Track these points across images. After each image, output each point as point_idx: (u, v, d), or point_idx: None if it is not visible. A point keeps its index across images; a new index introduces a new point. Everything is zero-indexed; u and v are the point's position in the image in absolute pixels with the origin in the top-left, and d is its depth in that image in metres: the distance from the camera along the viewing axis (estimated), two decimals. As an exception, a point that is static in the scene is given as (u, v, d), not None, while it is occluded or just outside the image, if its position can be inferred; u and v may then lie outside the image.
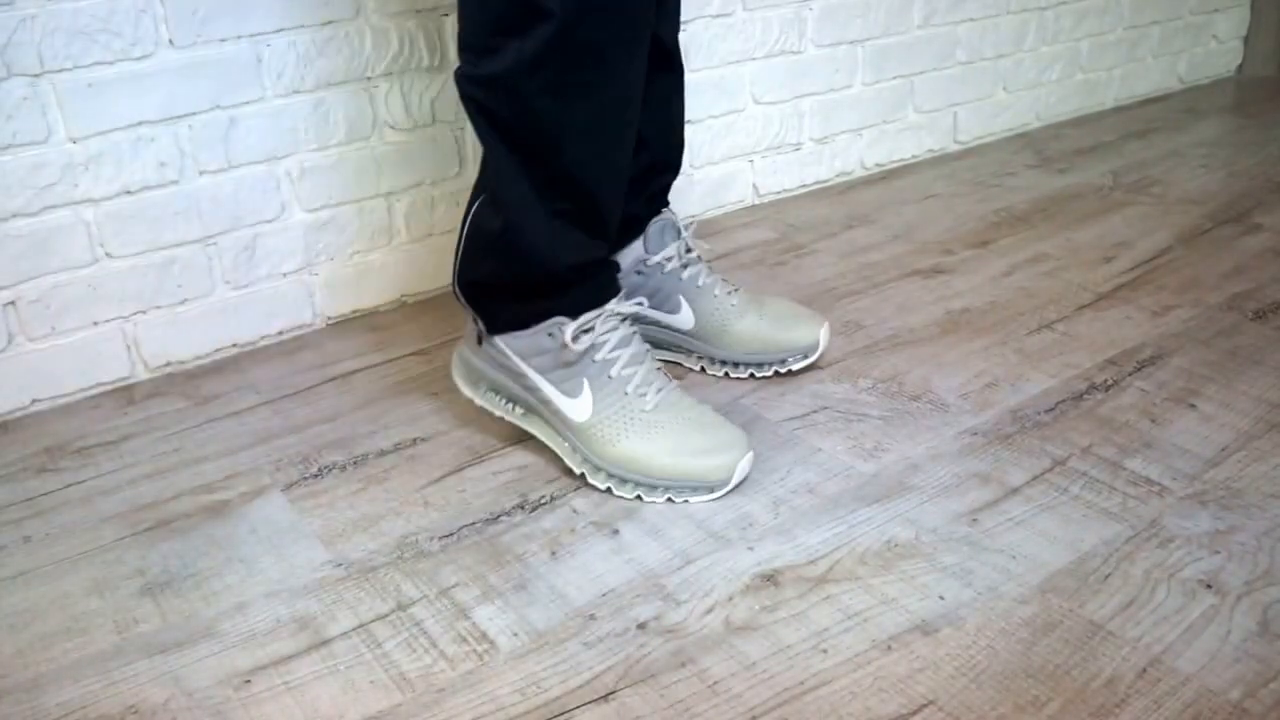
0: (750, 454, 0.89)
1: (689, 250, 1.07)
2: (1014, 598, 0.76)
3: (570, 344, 0.90)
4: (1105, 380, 1.05)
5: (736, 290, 1.08)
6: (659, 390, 0.92)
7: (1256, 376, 1.04)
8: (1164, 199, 1.51)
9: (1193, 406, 0.99)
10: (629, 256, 1.06)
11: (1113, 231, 1.41)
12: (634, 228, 1.05)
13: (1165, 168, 1.63)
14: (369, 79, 1.18)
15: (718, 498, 0.89)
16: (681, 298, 1.07)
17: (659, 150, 1.04)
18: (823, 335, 1.06)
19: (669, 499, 0.89)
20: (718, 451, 0.89)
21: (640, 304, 1.05)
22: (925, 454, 0.94)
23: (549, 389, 0.92)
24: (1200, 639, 0.72)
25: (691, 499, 0.89)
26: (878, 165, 1.68)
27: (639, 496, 0.89)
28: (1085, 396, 1.02)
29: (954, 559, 0.81)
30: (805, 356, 1.06)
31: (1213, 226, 1.41)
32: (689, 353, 1.09)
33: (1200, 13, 2.00)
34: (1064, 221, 1.45)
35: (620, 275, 1.05)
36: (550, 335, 0.91)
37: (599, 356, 0.91)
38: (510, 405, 0.97)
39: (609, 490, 0.90)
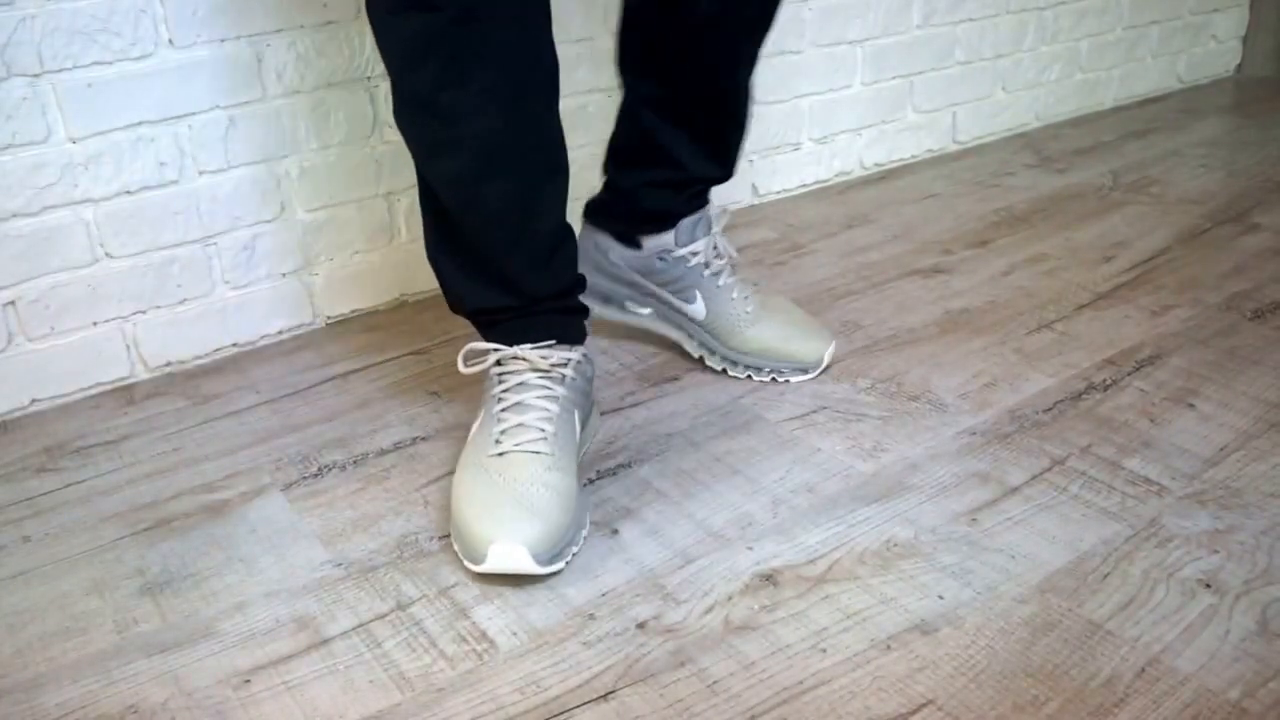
0: (518, 551, 0.77)
1: (715, 249, 1.07)
2: (1013, 597, 0.76)
3: (460, 365, 0.91)
4: (1104, 380, 1.05)
5: (754, 296, 1.07)
6: (516, 446, 0.85)
7: (1255, 376, 1.04)
8: (1163, 199, 1.51)
9: (1191, 406, 1.00)
10: (654, 243, 1.05)
11: (1112, 231, 1.41)
12: (667, 221, 1.04)
13: (1164, 168, 1.63)
14: (369, 79, 1.18)
15: (477, 570, 0.80)
16: (698, 291, 1.07)
17: (703, 168, 1.02)
18: (828, 354, 1.07)
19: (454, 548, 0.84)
20: (494, 522, 0.79)
21: (561, 373, 0.91)
22: (924, 454, 0.94)
23: None
24: (1199, 638, 0.72)
25: (462, 561, 0.82)
26: (877, 165, 1.68)
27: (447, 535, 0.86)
28: (1084, 396, 1.02)
29: (953, 559, 0.81)
30: (806, 371, 1.07)
31: (1212, 226, 1.41)
32: (692, 338, 1.10)
33: (1199, 13, 2.00)
34: (1063, 221, 1.45)
35: (641, 254, 1.05)
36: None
37: (492, 391, 0.90)
38: None
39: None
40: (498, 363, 0.90)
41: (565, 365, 0.90)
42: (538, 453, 0.84)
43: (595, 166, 1.39)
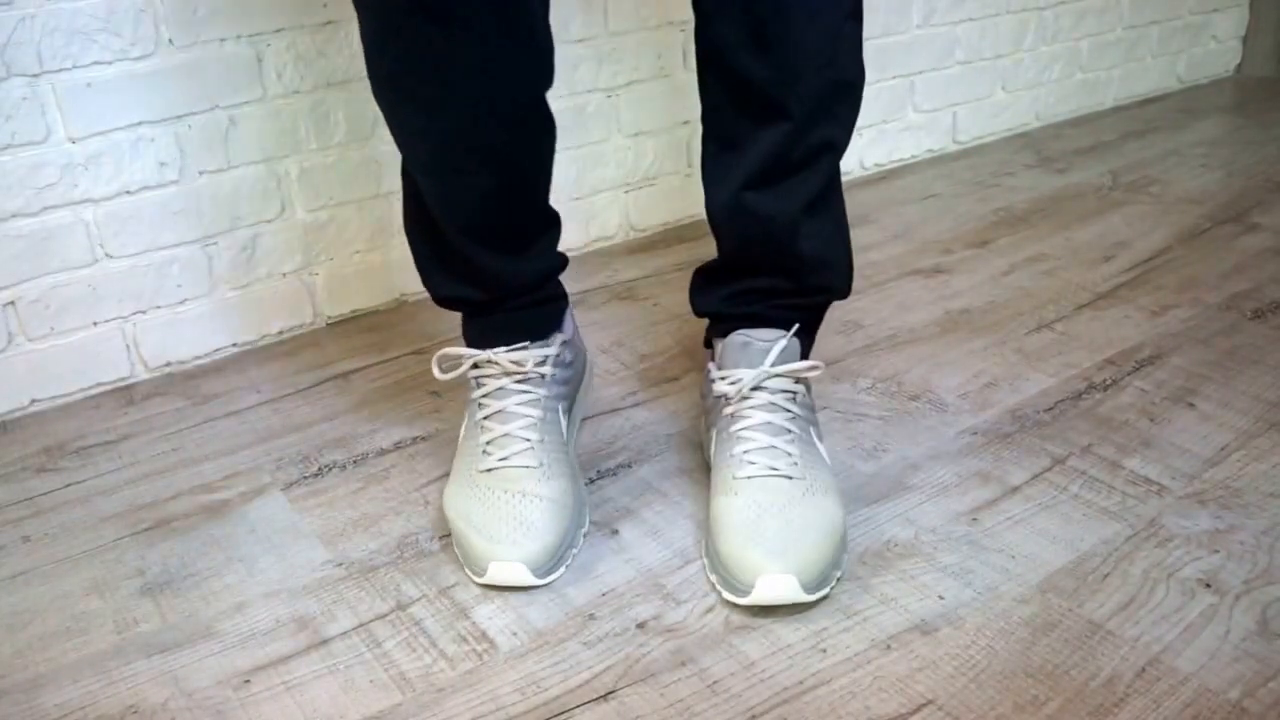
0: (517, 568, 0.77)
1: (756, 392, 0.83)
2: (1013, 597, 0.76)
3: (435, 371, 0.88)
4: (1104, 380, 1.05)
5: (758, 476, 0.80)
6: (503, 461, 0.83)
7: (1255, 376, 1.04)
8: (1163, 199, 1.51)
9: (1191, 406, 0.99)
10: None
11: (1112, 231, 1.41)
12: (714, 325, 0.92)
13: (1164, 167, 1.63)
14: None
15: (479, 582, 0.80)
16: (713, 431, 0.87)
17: (734, 235, 0.85)
18: (762, 586, 0.73)
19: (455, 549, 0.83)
20: (492, 540, 0.78)
21: (540, 373, 0.87)
22: (925, 454, 0.94)
23: None
24: (1199, 638, 0.72)
25: (466, 569, 0.82)
26: (877, 165, 1.68)
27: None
28: (1084, 396, 1.02)
29: (953, 558, 0.81)
30: (735, 592, 0.76)
31: (1211, 226, 1.41)
32: None
33: (1199, 12, 2.00)
34: (1063, 221, 1.45)
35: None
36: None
37: (473, 396, 0.88)
38: None
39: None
40: (474, 365, 0.88)
41: (544, 364, 0.88)
42: (527, 466, 0.83)
43: (596, 167, 1.39)
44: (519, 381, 0.86)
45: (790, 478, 0.79)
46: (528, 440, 0.84)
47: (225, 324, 1.18)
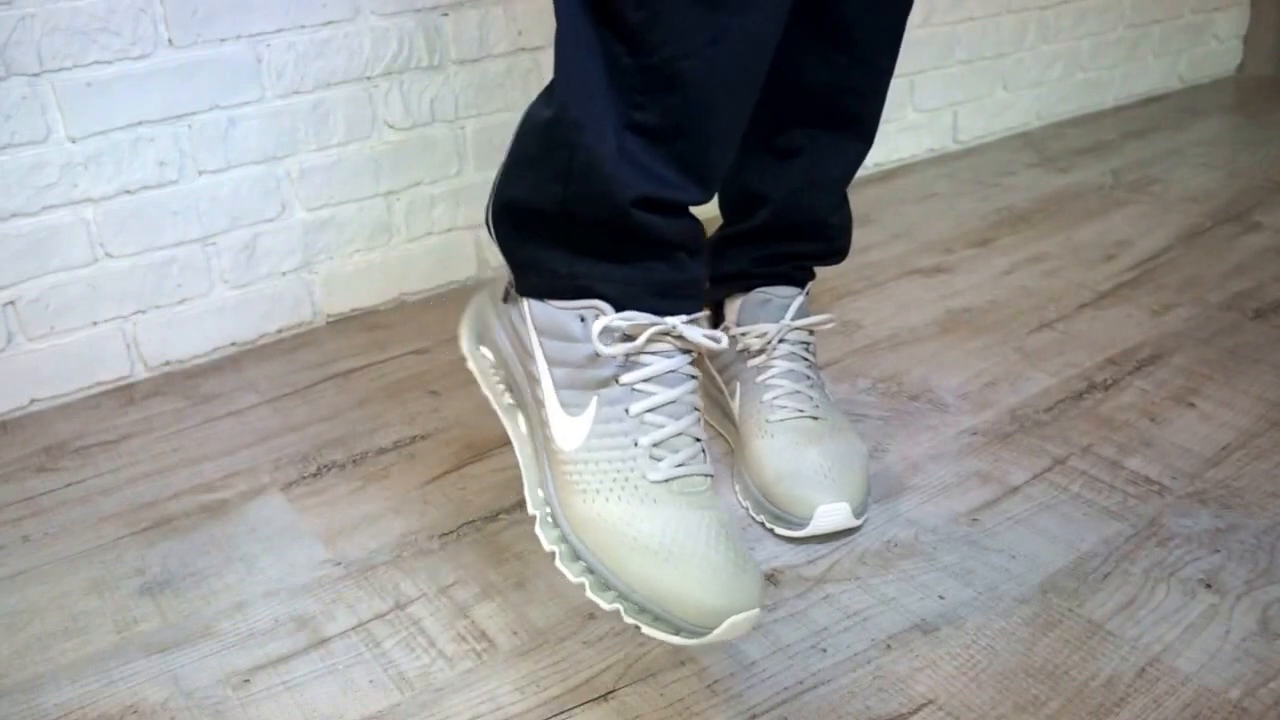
0: (753, 614, 0.60)
1: (780, 344, 0.89)
2: (1014, 597, 0.76)
3: (598, 344, 0.64)
4: (1105, 379, 1.05)
5: (790, 419, 0.87)
6: (679, 465, 0.65)
7: (1256, 375, 1.04)
8: (1164, 198, 1.51)
9: (1192, 405, 0.99)
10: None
11: (1113, 230, 1.41)
12: (734, 283, 0.93)
13: (1165, 167, 1.63)
14: (369, 79, 1.18)
15: (683, 643, 0.61)
16: (735, 383, 0.92)
17: (785, 209, 0.89)
18: (820, 515, 0.80)
19: (620, 612, 0.62)
20: (711, 588, 0.60)
21: (717, 340, 0.68)
22: (925, 454, 0.94)
23: (548, 389, 0.68)
24: (1200, 638, 0.72)
25: (647, 629, 0.61)
26: (877, 165, 1.68)
27: (583, 585, 0.63)
28: (1085, 396, 1.02)
29: (954, 558, 0.81)
30: (789, 526, 0.82)
31: (1213, 225, 1.41)
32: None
33: (1200, 12, 2.00)
34: (1064, 220, 1.45)
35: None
36: (581, 320, 0.66)
37: (626, 379, 0.65)
38: (502, 387, 0.74)
39: (553, 556, 0.66)
40: (626, 337, 0.67)
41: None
42: (706, 475, 0.68)
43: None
44: (692, 365, 0.68)
45: (815, 418, 0.87)
46: (702, 441, 0.68)
47: (225, 323, 1.18)
